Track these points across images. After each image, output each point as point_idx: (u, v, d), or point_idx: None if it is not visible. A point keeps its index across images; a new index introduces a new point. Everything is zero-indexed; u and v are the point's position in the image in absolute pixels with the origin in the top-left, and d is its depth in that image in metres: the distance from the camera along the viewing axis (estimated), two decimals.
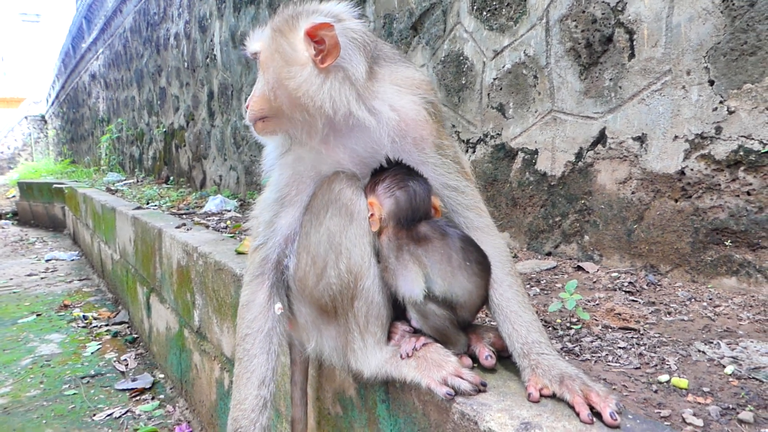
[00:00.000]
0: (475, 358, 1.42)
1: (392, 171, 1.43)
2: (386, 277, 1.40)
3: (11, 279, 7.76)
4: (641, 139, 2.48)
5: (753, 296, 2.10)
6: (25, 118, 28.92)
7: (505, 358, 1.43)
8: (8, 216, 15.35)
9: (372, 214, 1.42)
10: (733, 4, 2.11)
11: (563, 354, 1.63)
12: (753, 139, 2.09)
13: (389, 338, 1.47)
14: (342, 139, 1.49)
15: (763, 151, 2.06)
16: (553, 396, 1.23)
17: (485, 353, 1.40)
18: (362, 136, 1.47)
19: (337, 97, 1.39)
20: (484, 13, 3.25)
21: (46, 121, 28.17)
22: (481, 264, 1.37)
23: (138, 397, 3.87)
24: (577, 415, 1.14)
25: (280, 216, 1.53)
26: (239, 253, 2.92)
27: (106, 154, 13.85)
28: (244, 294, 1.58)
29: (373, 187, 1.44)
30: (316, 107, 1.40)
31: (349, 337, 1.45)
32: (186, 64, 8.53)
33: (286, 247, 1.53)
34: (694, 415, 1.24)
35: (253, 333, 1.53)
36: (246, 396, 1.52)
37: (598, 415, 1.13)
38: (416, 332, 1.45)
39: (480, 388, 1.26)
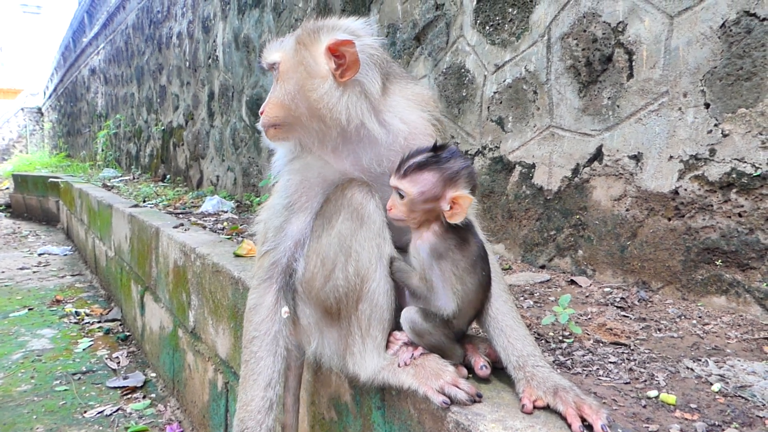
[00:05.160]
0: (470, 368, 1.46)
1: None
2: (419, 287, 1.41)
3: (3, 272, 7.72)
4: (637, 158, 2.53)
5: (741, 315, 2.14)
6: (22, 109, 28.81)
7: (498, 370, 1.47)
8: (1, 208, 15.26)
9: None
10: (731, 31, 2.17)
11: (555, 367, 1.66)
12: (746, 162, 2.14)
13: (387, 347, 1.50)
14: (350, 148, 1.55)
15: (755, 174, 2.11)
16: (547, 407, 1.27)
17: (480, 363, 1.43)
18: (370, 146, 1.53)
19: (353, 109, 1.46)
20: (487, 27, 3.30)
21: (42, 114, 28.06)
22: (488, 277, 1.43)
23: (129, 396, 3.87)
24: (569, 426, 1.18)
25: (290, 221, 1.57)
26: (237, 255, 2.94)
27: (102, 150, 13.83)
28: (251, 297, 1.61)
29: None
30: (333, 118, 1.47)
31: (350, 340, 1.49)
32: (188, 63, 8.55)
33: (296, 251, 1.57)
34: (682, 430, 1.28)
35: (260, 336, 1.56)
36: (252, 397, 1.55)
37: (589, 427, 1.17)
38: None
39: (475, 399, 1.30)
